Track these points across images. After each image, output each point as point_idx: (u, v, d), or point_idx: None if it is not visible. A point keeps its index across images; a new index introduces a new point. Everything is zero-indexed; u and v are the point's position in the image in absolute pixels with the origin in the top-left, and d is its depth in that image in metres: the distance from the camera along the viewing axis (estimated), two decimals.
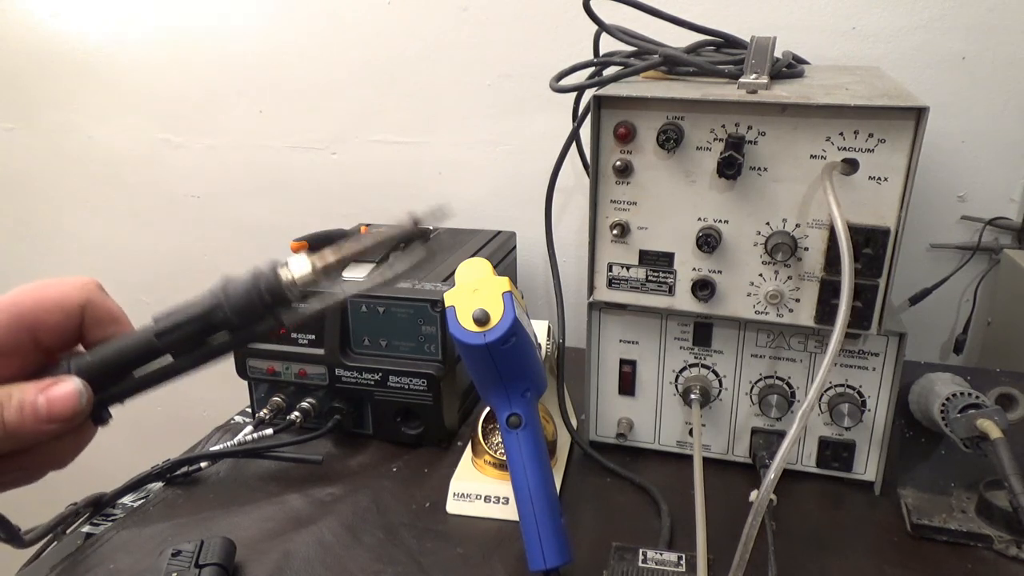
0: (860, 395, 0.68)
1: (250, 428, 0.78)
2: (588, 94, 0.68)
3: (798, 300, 0.62)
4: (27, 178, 1.33)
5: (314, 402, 0.79)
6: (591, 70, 0.77)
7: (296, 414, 0.78)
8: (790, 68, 0.70)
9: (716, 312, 0.65)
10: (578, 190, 1.04)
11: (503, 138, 1.06)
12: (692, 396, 0.69)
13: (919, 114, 0.55)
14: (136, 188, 1.27)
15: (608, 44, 0.79)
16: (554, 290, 0.79)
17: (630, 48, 0.74)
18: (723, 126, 0.60)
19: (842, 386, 0.68)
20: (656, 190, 0.63)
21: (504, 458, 0.65)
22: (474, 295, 0.52)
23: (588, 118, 0.63)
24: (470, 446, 0.73)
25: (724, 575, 0.47)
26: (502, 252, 0.96)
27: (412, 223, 0.37)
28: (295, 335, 0.77)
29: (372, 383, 0.77)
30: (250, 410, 0.84)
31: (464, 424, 0.82)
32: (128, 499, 0.72)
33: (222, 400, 0.88)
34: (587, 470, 0.73)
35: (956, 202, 0.93)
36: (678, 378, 0.72)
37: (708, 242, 0.62)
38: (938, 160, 0.91)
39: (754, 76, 0.62)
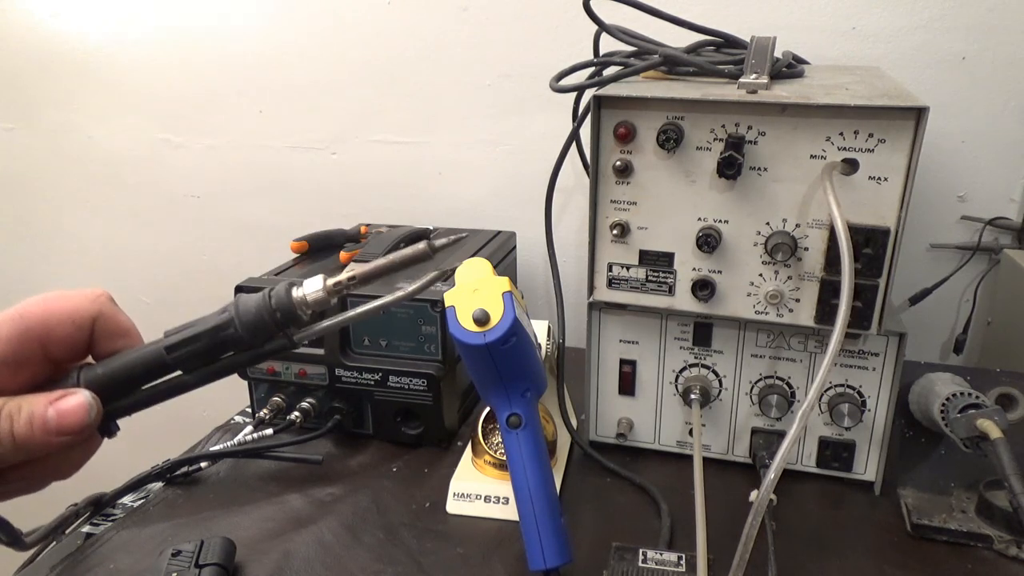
0: (860, 395, 0.68)
1: (250, 428, 0.78)
2: (588, 94, 0.68)
3: (798, 300, 0.62)
4: (27, 178, 1.33)
5: (314, 402, 0.79)
6: (591, 70, 0.77)
7: (296, 414, 0.78)
8: (790, 68, 0.70)
9: (716, 312, 0.65)
10: (578, 190, 1.04)
11: (503, 138, 1.06)
12: (692, 396, 0.69)
13: (919, 114, 0.55)
14: (136, 188, 1.27)
15: (608, 44, 0.79)
16: (554, 290, 0.79)
17: (630, 48, 0.74)
18: (723, 126, 0.60)
19: (842, 386, 0.68)
20: (656, 190, 0.63)
21: (504, 458, 0.65)
22: (474, 295, 0.52)
23: (588, 118, 0.63)
24: (470, 446, 0.73)
25: (724, 575, 0.47)
26: (502, 252, 0.96)
27: (429, 249, 0.37)
28: None
29: (372, 383, 0.77)
30: (250, 410, 0.84)
31: (464, 424, 0.82)
32: (128, 499, 0.72)
33: (222, 400, 0.88)
34: (587, 470, 0.73)
35: (956, 202, 0.93)
36: (678, 378, 0.72)
37: (708, 242, 0.62)
38: (938, 160, 0.91)
39: (754, 76, 0.62)
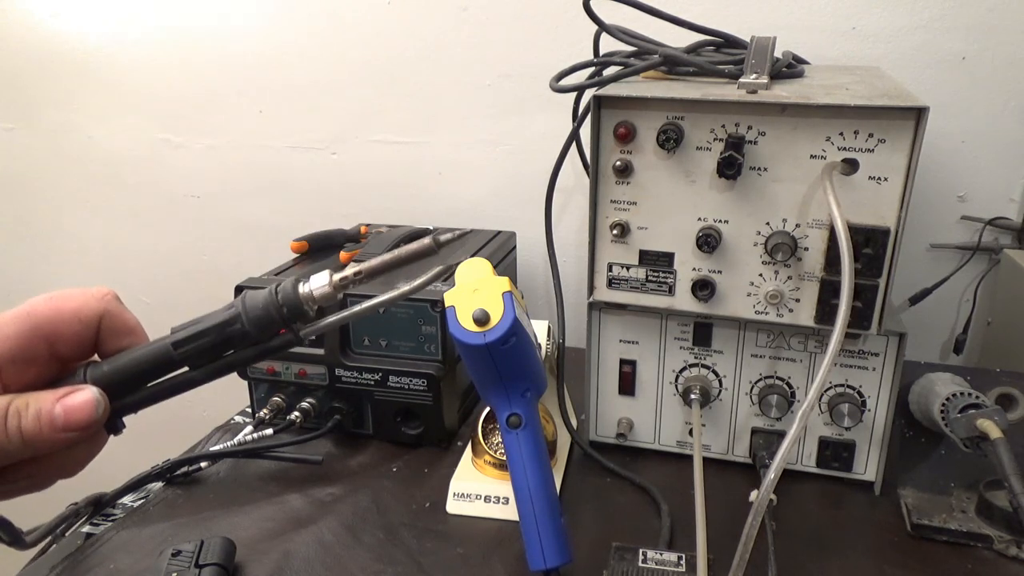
0: (860, 395, 0.68)
1: (250, 428, 0.78)
2: (588, 94, 0.68)
3: (798, 300, 0.62)
4: (27, 178, 1.33)
5: (314, 402, 0.79)
6: (591, 70, 0.77)
7: (296, 414, 0.78)
8: (790, 68, 0.70)
9: (716, 312, 0.65)
10: (578, 190, 1.04)
11: (503, 138, 1.06)
12: (692, 396, 0.69)
13: (919, 114, 0.55)
14: (136, 188, 1.27)
15: (608, 44, 0.79)
16: (554, 290, 0.79)
17: (630, 48, 0.74)
18: (723, 126, 0.60)
19: (842, 386, 0.68)
20: (656, 190, 0.63)
21: (504, 458, 0.65)
22: (474, 295, 0.52)
23: (588, 118, 0.63)
24: (470, 446, 0.73)
25: (724, 575, 0.47)
26: (502, 252, 0.96)
27: (434, 244, 0.37)
28: None
29: (372, 383, 0.77)
30: (250, 410, 0.84)
31: (464, 424, 0.82)
32: (128, 499, 0.72)
33: (222, 400, 0.88)
34: (587, 470, 0.73)
35: (956, 202, 0.93)
36: (678, 378, 0.72)
37: (708, 242, 0.62)
38: (938, 160, 0.91)
39: (754, 76, 0.62)
